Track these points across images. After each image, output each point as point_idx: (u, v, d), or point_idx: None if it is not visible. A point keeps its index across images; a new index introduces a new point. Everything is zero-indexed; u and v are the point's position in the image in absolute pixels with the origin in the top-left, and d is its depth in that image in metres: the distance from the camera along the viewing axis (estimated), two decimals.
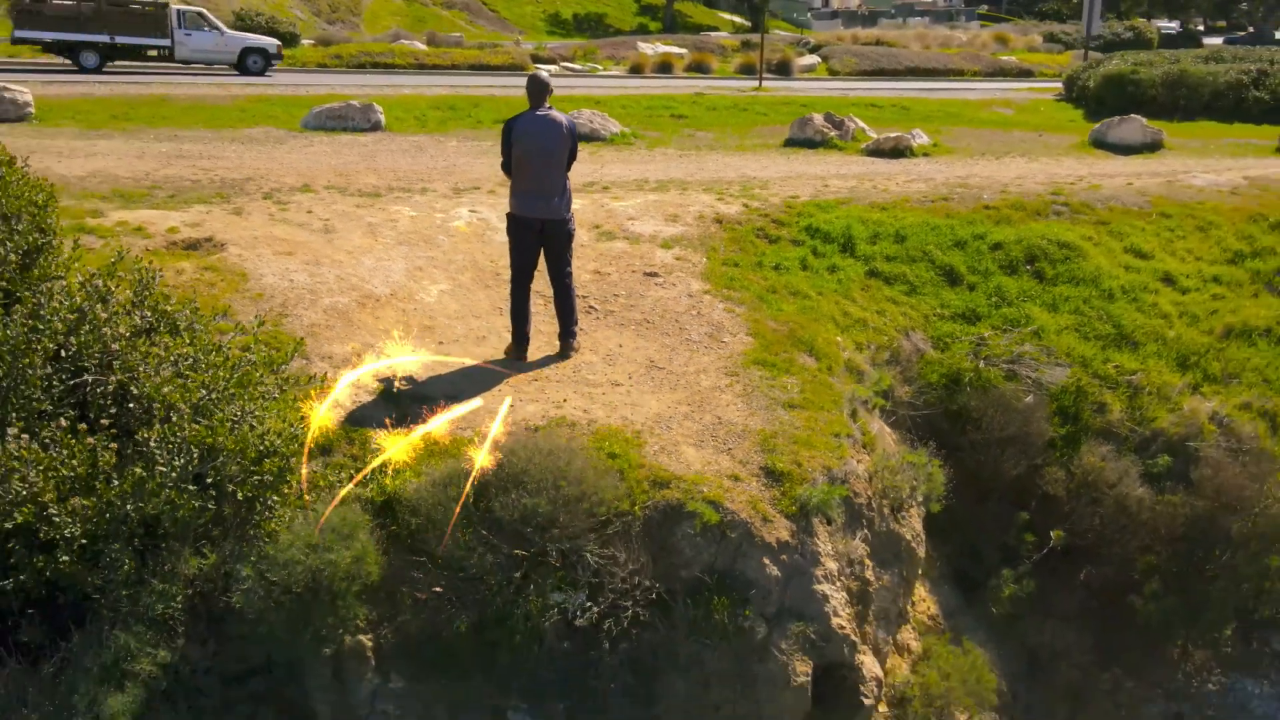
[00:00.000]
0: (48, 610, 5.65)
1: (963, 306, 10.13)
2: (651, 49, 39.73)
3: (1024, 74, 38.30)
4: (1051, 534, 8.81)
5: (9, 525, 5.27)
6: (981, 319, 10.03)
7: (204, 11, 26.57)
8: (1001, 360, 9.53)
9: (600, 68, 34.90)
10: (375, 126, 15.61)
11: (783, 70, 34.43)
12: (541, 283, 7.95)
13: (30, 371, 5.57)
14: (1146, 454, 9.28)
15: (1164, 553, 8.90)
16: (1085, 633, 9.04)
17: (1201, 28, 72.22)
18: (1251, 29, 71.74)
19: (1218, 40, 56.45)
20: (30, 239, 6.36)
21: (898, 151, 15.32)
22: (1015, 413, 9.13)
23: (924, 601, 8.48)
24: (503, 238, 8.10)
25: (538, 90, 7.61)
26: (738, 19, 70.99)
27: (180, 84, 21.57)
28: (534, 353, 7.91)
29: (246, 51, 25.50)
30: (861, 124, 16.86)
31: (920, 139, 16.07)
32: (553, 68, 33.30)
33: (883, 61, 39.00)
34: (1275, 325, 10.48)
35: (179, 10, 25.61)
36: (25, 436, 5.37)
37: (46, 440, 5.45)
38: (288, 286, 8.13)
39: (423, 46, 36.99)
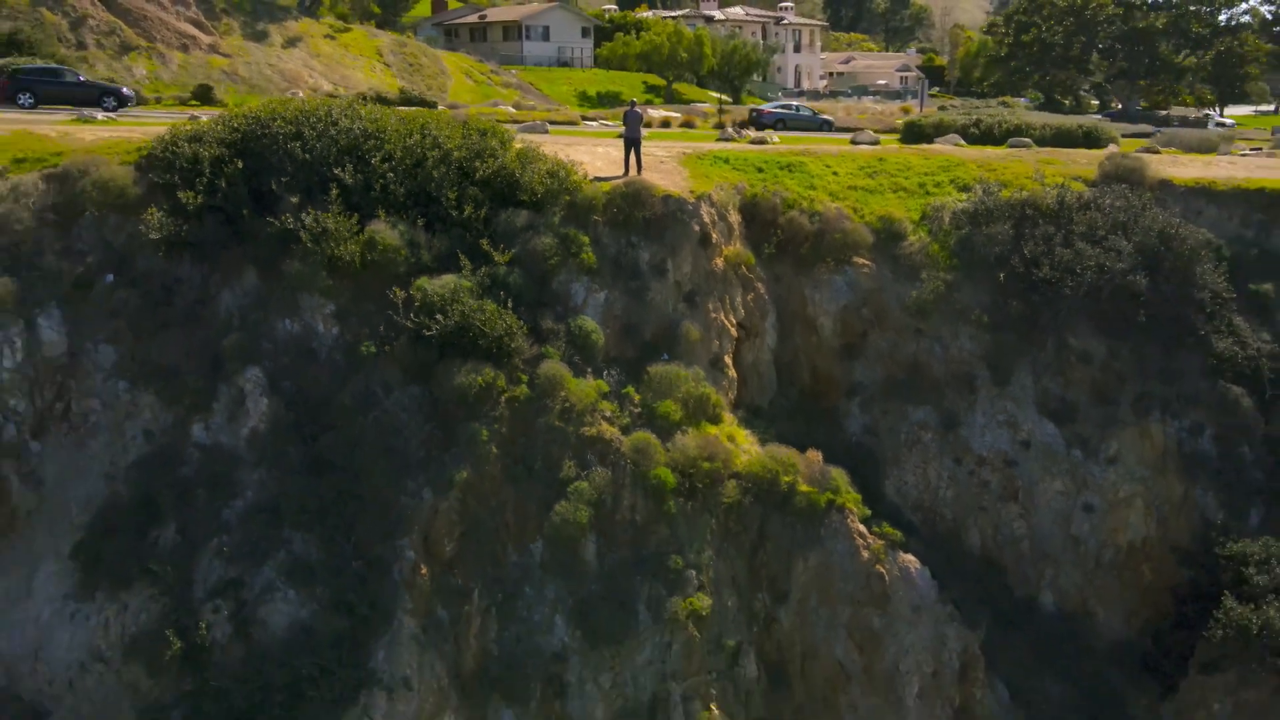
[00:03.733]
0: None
1: (761, 177, 31.64)
2: (656, 112, 62.03)
3: None
4: (780, 226, 30.23)
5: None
6: (767, 181, 31.54)
7: None
8: (771, 192, 31.01)
9: None
10: (545, 131, 37.31)
11: (744, 127, 56.50)
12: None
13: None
14: (809, 214, 30.68)
15: (808, 243, 30.22)
16: (788, 266, 30.33)
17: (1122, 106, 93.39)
18: (1119, 105, 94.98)
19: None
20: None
21: (761, 141, 37.04)
22: (770, 202, 30.62)
23: (740, 247, 29.81)
24: (615, 153, 29.52)
25: (631, 100, 29.34)
26: (723, 96, 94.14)
27: None
28: (630, 173, 29.41)
29: None
30: (750, 131, 38.70)
31: (773, 139, 37.81)
32: (593, 124, 55.32)
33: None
34: (865, 184, 32.04)
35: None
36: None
37: None
38: (560, 158, 29.58)
39: (513, 110, 59.05)
